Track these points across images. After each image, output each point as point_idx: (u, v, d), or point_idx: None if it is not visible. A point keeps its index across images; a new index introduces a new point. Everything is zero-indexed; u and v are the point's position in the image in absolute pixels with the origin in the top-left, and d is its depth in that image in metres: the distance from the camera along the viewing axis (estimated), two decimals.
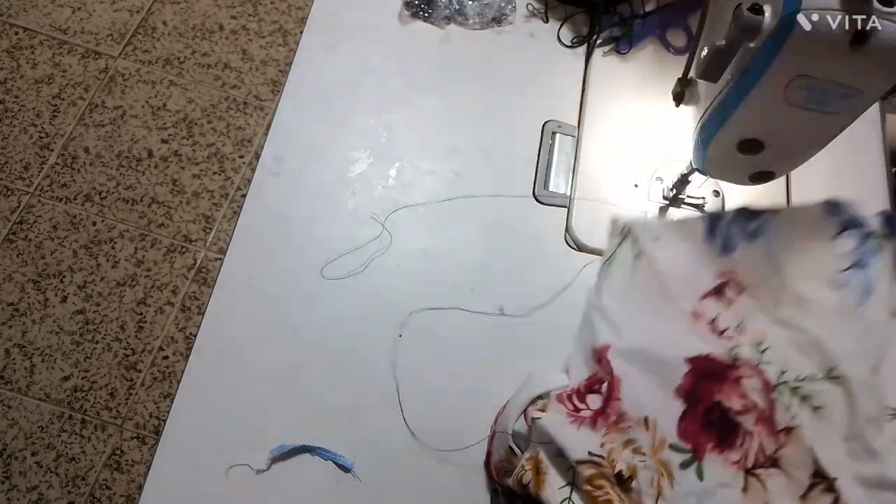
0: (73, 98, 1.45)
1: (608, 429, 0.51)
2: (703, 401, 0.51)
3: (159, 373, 1.25)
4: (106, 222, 1.35)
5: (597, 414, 0.52)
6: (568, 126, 0.73)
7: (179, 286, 1.31)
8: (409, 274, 0.64)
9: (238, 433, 0.57)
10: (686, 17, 0.78)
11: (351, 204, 0.67)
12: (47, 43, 1.50)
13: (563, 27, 0.78)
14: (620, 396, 0.51)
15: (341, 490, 0.56)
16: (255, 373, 0.59)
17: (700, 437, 0.50)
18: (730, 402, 0.51)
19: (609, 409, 0.52)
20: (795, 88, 0.44)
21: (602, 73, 0.75)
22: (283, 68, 1.52)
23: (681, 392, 0.52)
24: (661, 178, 0.70)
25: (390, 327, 0.62)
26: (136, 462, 1.20)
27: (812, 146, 0.50)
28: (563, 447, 0.50)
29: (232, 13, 1.56)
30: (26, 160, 1.39)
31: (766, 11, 0.42)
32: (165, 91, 1.47)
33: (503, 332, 0.63)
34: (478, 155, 0.70)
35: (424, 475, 0.57)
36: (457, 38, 0.76)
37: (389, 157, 0.69)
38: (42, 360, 1.24)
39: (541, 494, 0.50)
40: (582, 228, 0.67)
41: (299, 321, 0.61)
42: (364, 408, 0.59)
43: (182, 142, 1.43)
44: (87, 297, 1.29)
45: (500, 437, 0.56)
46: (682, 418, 0.51)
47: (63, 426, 1.21)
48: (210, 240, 1.36)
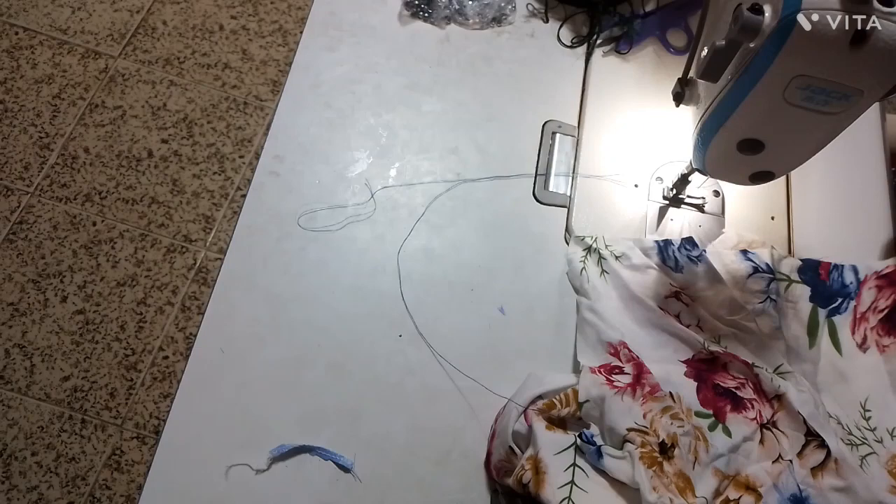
0: (73, 98, 1.45)
1: (644, 398, 0.56)
2: (709, 381, 0.59)
3: (159, 373, 1.25)
4: (106, 222, 1.35)
5: (633, 384, 0.56)
6: (568, 126, 0.73)
7: (179, 286, 1.31)
8: (408, 274, 0.64)
9: (238, 433, 0.57)
10: (686, 17, 0.78)
11: (351, 204, 0.67)
12: (47, 43, 1.50)
13: (563, 27, 0.78)
14: (650, 373, 0.57)
15: (341, 490, 0.56)
16: (254, 373, 0.59)
17: (717, 402, 0.58)
18: (726, 383, 0.59)
19: (644, 379, 0.56)
20: (795, 88, 0.44)
21: (602, 73, 0.75)
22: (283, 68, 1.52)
23: (689, 375, 0.59)
24: (661, 178, 0.70)
25: (390, 327, 0.62)
26: (136, 462, 1.20)
27: (812, 146, 0.50)
28: (612, 414, 0.54)
29: (232, 13, 1.56)
30: (26, 160, 1.39)
31: (766, 11, 0.42)
32: (165, 91, 1.47)
33: (503, 332, 0.63)
34: (478, 155, 0.70)
35: (424, 475, 0.57)
36: (457, 38, 0.76)
37: (389, 157, 0.69)
38: (42, 360, 1.24)
39: (541, 494, 0.50)
40: (582, 228, 0.67)
41: (299, 321, 0.61)
42: (364, 408, 0.59)
43: (182, 142, 1.43)
44: (87, 297, 1.29)
45: (500, 437, 0.56)
46: (699, 391, 0.58)
47: (63, 426, 1.21)
48: (210, 240, 1.36)
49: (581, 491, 0.51)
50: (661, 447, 0.53)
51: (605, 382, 0.56)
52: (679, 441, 0.54)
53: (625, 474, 0.51)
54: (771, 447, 0.56)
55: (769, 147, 0.50)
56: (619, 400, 0.55)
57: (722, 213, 0.69)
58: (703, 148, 0.54)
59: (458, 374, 0.60)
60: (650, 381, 0.56)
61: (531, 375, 0.58)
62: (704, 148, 0.53)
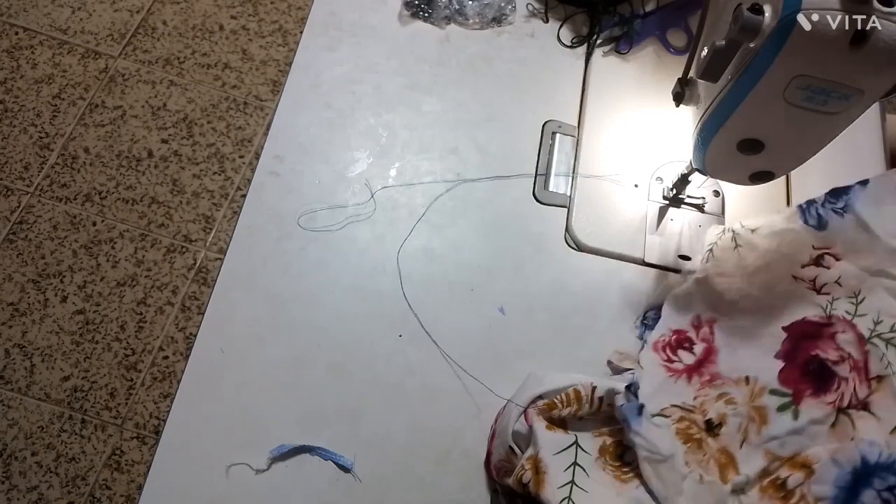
0: (73, 98, 1.45)
1: (701, 385, 0.55)
2: (802, 355, 0.55)
3: (159, 373, 1.25)
4: (106, 222, 1.35)
5: (690, 370, 0.56)
6: (568, 126, 0.73)
7: (179, 286, 1.31)
8: (408, 274, 0.64)
9: (238, 433, 0.57)
10: (686, 17, 0.78)
11: (351, 204, 0.67)
12: (47, 43, 1.50)
13: (563, 27, 0.78)
14: (717, 361, 0.56)
15: (341, 490, 0.56)
16: (254, 373, 0.59)
17: (800, 384, 0.54)
18: (826, 354, 0.55)
19: (704, 369, 0.56)
20: (795, 88, 0.44)
21: (602, 73, 0.75)
22: (283, 68, 1.52)
23: (780, 355, 0.56)
24: (661, 178, 0.70)
25: (390, 327, 0.62)
26: (136, 462, 1.20)
27: (812, 146, 0.50)
28: (657, 390, 0.54)
29: (232, 13, 1.56)
30: (26, 160, 1.39)
31: (766, 11, 0.42)
32: (165, 91, 1.47)
33: (503, 332, 0.63)
34: (478, 155, 0.70)
35: (424, 475, 0.57)
36: (457, 38, 0.76)
37: (389, 157, 0.69)
38: (42, 360, 1.24)
39: (540, 494, 0.50)
40: (582, 228, 0.67)
41: (299, 321, 0.61)
42: (364, 408, 0.59)
43: (182, 142, 1.43)
44: (87, 297, 1.29)
45: (500, 437, 0.56)
46: (782, 371, 0.55)
47: (63, 426, 1.21)
48: (210, 240, 1.36)
49: (581, 491, 0.51)
50: (707, 424, 0.53)
51: (662, 364, 0.56)
52: (728, 420, 0.53)
53: (660, 441, 0.51)
54: (843, 433, 0.52)
55: (769, 147, 0.50)
56: (673, 383, 0.55)
57: (722, 213, 0.69)
58: (703, 148, 0.54)
59: (457, 374, 0.60)
60: (711, 370, 0.56)
61: (531, 375, 0.58)
62: (704, 148, 0.53)
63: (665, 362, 0.57)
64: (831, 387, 0.54)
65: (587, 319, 0.64)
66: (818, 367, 0.55)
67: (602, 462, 0.53)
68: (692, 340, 0.58)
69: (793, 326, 0.56)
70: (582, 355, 0.62)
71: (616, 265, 0.66)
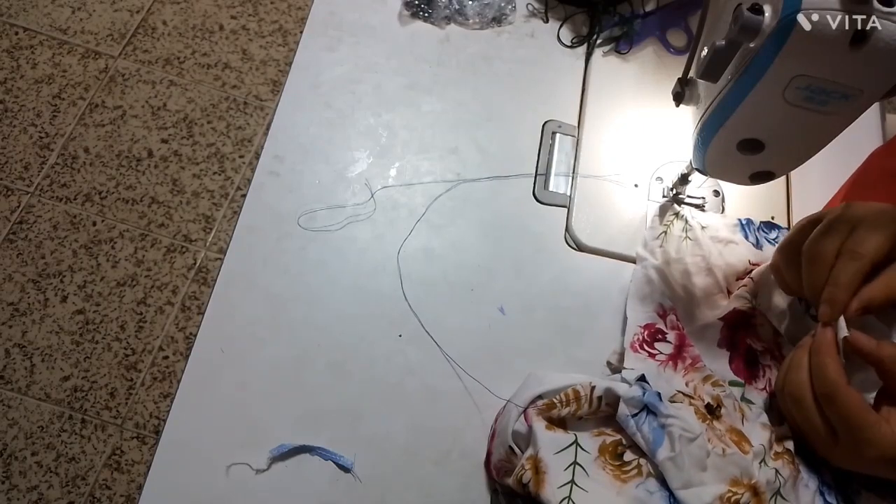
0: (73, 98, 1.45)
1: (686, 370, 0.58)
2: (741, 346, 0.61)
3: (159, 373, 1.25)
4: (106, 222, 1.35)
5: (674, 357, 0.59)
6: (568, 126, 0.73)
7: (179, 286, 1.31)
8: (408, 274, 0.64)
9: (238, 433, 0.57)
10: (686, 17, 0.78)
11: (350, 204, 0.67)
12: (47, 43, 1.50)
13: (563, 27, 0.78)
14: (693, 344, 0.60)
15: (341, 490, 0.56)
16: (254, 373, 0.59)
17: (746, 372, 0.60)
18: (755, 344, 0.61)
19: (685, 353, 0.59)
20: (795, 88, 0.44)
21: (602, 73, 0.75)
22: (283, 68, 1.52)
23: (722, 344, 0.61)
24: (661, 178, 0.70)
25: (390, 327, 0.62)
26: (136, 462, 1.20)
27: (812, 146, 0.50)
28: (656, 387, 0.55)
29: (232, 13, 1.56)
30: (26, 160, 1.39)
31: (766, 11, 0.42)
32: (165, 91, 1.47)
33: (503, 332, 0.63)
34: (478, 155, 0.70)
35: (424, 475, 0.57)
36: (457, 38, 0.76)
37: (389, 157, 0.69)
38: (42, 360, 1.24)
39: (540, 494, 0.50)
40: (582, 228, 0.67)
41: (299, 321, 0.61)
42: (364, 408, 0.59)
43: (182, 142, 1.43)
44: (87, 297, 1.29)
45: (500, 437, 0.56)
46: (731, 360, 0.61)
47: (63, 426, 1.21)
48: (210, 240, 1.36)
49: (581, 490, 0.51)
50: (707, 408, 0.55)
51: (648, 357, 0.58)
52: (723, 402, 0.56)
53: (687, 420, 0.52)
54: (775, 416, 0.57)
55: (769, 147, 0.50)
56: (662, 372, 0.57)
57: (722, 213, 0.69)
58: (703, 148, 0.54)
59: (458, 374, 0.60)
60: (691, 353, 0.59)
61: (531, 375, 0.58)
62: (704, 148, 0.53)
63: (649, 358, 0.59)
64: (759, 374, 0.60)
65: (587, 319, 0.64)
66: (752, 357, 0.61)
67: (602, 461, 0.53)
68: (663, 331, 0.60)
69: (726, 316, 0.61)
70: (582, 355, 0.62)
71: (616, 265, 0.66)
